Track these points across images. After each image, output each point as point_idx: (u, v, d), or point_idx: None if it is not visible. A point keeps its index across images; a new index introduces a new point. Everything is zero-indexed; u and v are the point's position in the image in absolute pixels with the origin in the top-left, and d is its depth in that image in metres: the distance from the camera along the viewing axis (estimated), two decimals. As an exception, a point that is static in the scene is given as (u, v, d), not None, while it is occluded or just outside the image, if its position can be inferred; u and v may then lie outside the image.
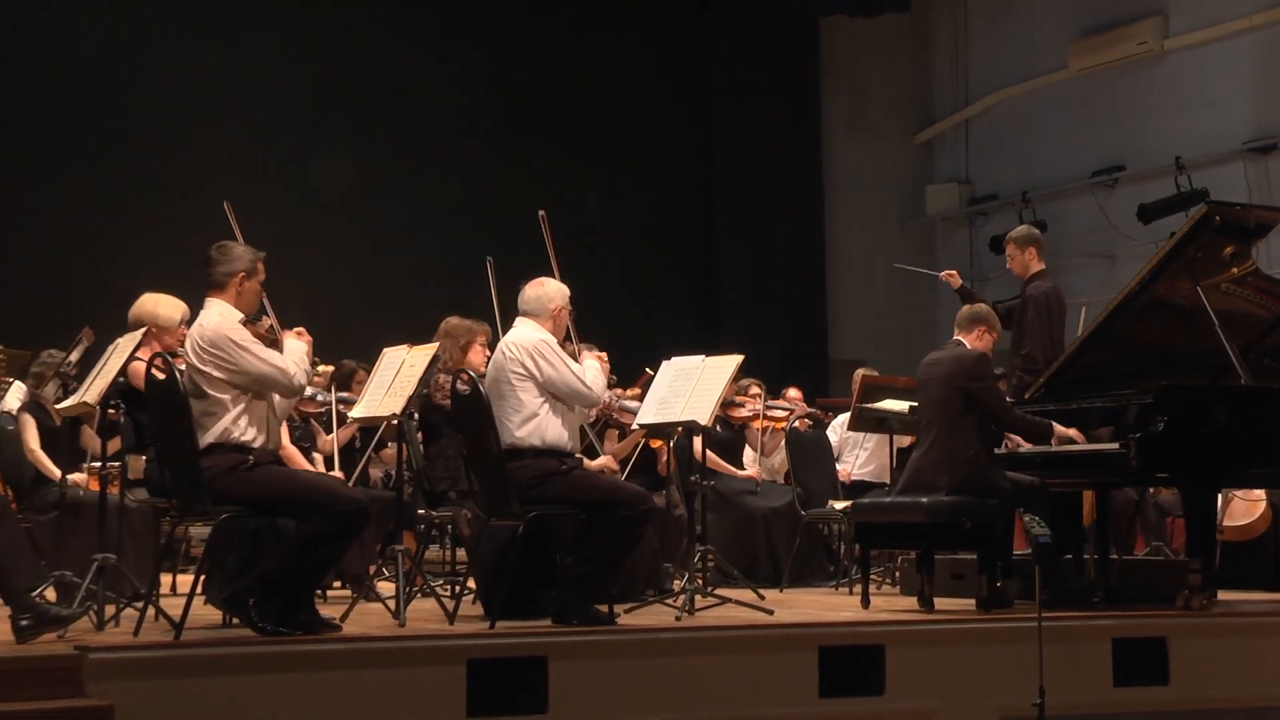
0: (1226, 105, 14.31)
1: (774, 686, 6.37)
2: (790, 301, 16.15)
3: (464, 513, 7.64)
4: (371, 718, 5.69)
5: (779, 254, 16.24)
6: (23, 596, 5.96)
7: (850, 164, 16.99)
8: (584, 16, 15.57)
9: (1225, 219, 7.74)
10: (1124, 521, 9.61)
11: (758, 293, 16.01)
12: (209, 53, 14.04)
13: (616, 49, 15.84)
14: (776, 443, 10.45)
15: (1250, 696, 7.19)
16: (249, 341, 6.26)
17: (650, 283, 15.68)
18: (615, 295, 14.13)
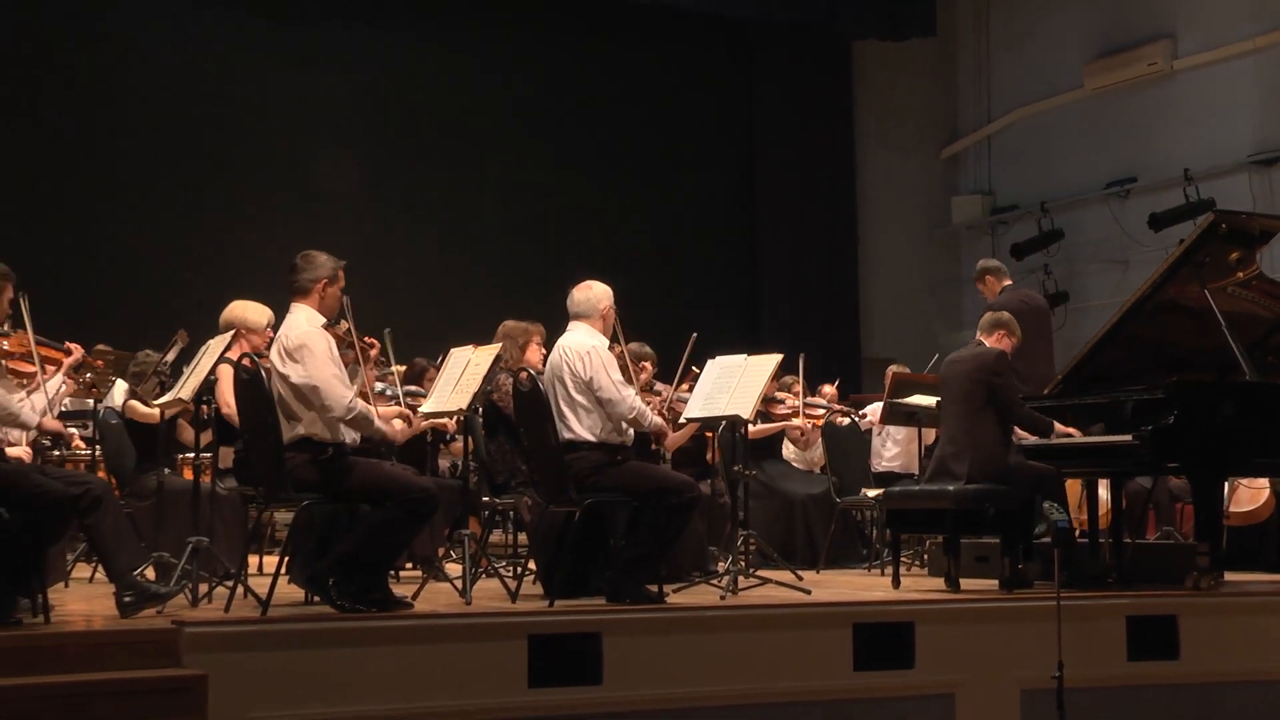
0: (1231, 121, 14.18)
1: (811, 661, 6.36)
2: (826, 304, 16.09)
3: (525, 500, 7.65)
4: (440, 688, 5.70)
5: (815, 260, 16.20)
6: (126, 576, 6.00)
7: (881, 177, 16.91)
8: (639, 43, 15.57)
9: (1231, 227, 7.71)
10: (1137, 508, 9.56)
11: (796, 296, 15.97)
12: (288, 81, 14.10)
13: (668, 73, 15.82)
14: (814, 436, 10.41)
15: (1255, 670, 7.14)
16: (323, 352, 6.22)
17: (698, 287, 15.66)
18: (666, 299, 14.13)
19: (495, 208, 14.81)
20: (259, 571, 7.52)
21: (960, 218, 17.02)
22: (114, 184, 13.28)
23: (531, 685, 5.81)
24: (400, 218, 14.35)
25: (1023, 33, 16.45)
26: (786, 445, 10.33)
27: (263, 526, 8.48)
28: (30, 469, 6.35)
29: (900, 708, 6.47)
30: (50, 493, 5.87)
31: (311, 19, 14.20)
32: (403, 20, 14.57)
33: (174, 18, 13.72)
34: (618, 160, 15.48)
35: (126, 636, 5.67)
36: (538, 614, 6.17)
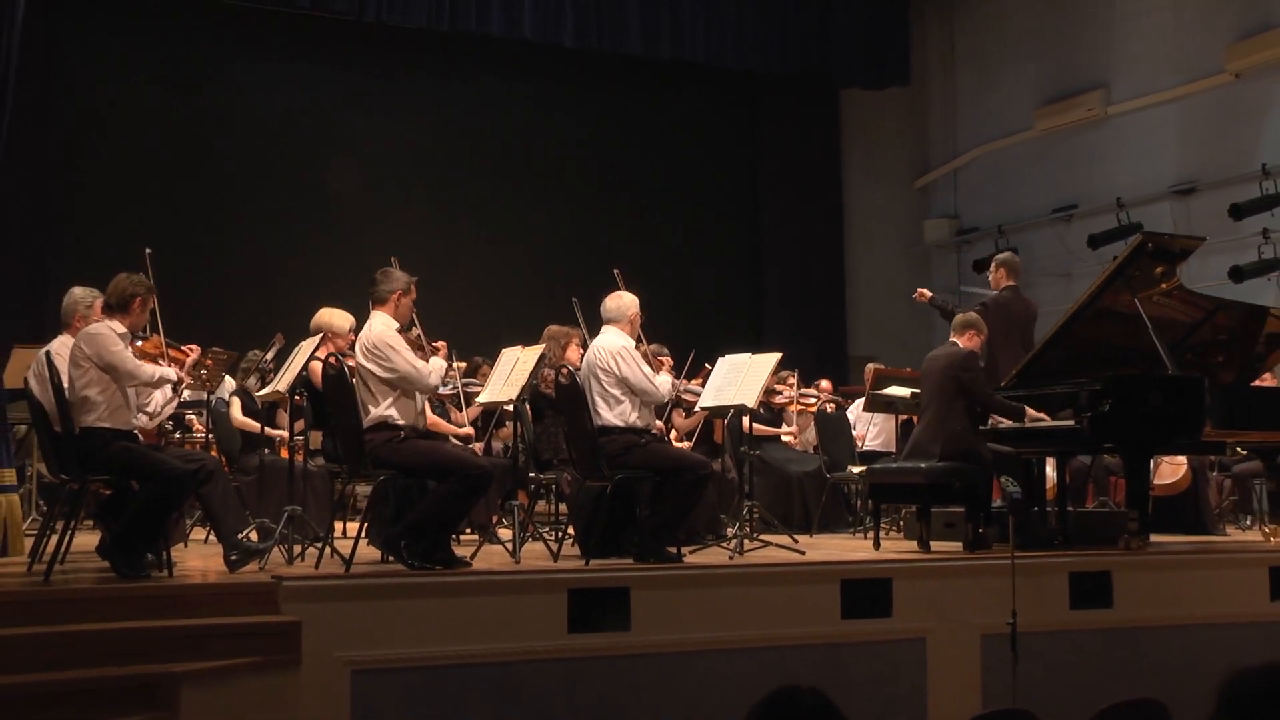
0: (1156, 157, 14.10)
1: (806, 610, 6.34)
2: (818, 310, 16.03)
3: (565, 476, 7.65)
4: (493, 633, 5.71)
5: (809, 273, 16.14)
6: (232, 538, 6.04)
7: (864, 203, 16.85)
8: (662, 92, 15.59)
9: (1156, 245, 7.67)
10: (1078, 482, 9.51)
11: (793, 303, 15.93)
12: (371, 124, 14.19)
13: (685, 116, 15.83)
14: (808, 422, 10.39)
15: (1176, 616, 7.13)
16: (403, 348, 6.31)
17: (709, 296, 15.65)
18: (682, 307, 14.10)
19: (541, 230, 14.85)
20: (343, 535, 7.54)
21: (931, 238, 16.96)
22: (223, 210, 13.39)
23: (571, 631, 5.82)
24: (463, 238, 14.38)
25: (983, 83, 16.38)
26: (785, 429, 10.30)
27: (346, 497, 8.51)
28: (154, 448, 6.40)
29: (881, 649, 6.45)
30: (172, 468, 5.92)
31: (391, 71, 14.28)
32: (466, 74, 14.61)
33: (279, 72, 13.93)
34: (644, 190, 15.51)
35: (235, 588, 5.71)
36: (576, 571, 6.16)
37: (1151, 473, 8.75)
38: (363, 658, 5.45)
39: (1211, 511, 9.51)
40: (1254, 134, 13.19)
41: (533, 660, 5.74)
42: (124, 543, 5.84)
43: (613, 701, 5.84)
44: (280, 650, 5.34)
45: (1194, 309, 7.91)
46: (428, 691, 5.56)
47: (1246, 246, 12.86)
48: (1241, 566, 7.53)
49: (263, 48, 13.79)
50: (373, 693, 5.46)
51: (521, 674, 5.72)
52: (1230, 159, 13.32)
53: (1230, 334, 8.03)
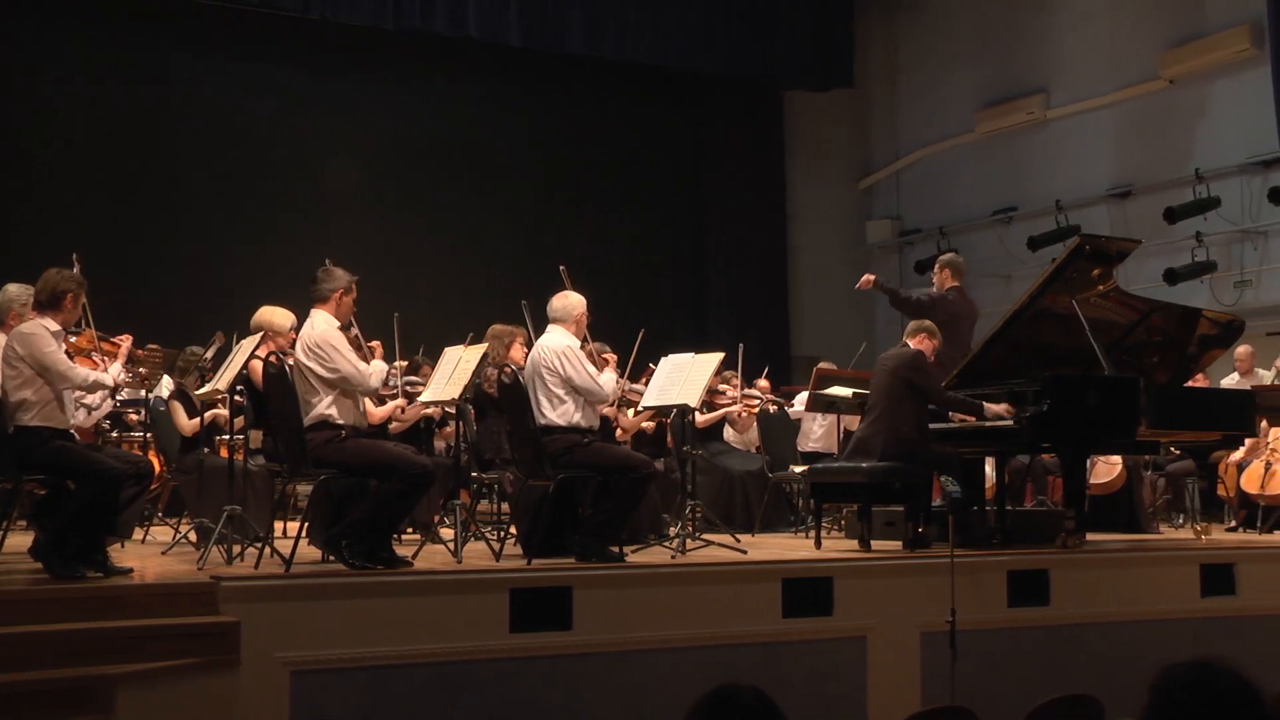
0: (1094, 161, 14.28)
1: (747, 609, 6.36)
2: (761, 310, 16.09)
3: (508, 475, 7.62)
4: (435, 633, 5.68)
5: (753, 274, 16.20)
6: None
7: (807, 205, 16.94)
8: (608, 93, 15.59)
9: (1094, 248, 7.74)
10: (1017, 481, 9.60)
11: (736, 303, 15.97)
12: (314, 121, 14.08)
13: (632, 117, 15.83)
14: (750, 421, 10.41)
15: (1111, 612, 7.21)
16: (345, 348, 6.26)
17: (653, 296, 15.64)
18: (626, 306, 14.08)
19: (487, 229, 14.81)
20: (283, 535, 7.47)
21: (873, 238, 17.07)
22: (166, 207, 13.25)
23: (512, 630, 5.80)
24: (406, 236, 14.31)
25: (925, 86, 16.51)
26: (727, 429, 10.33)
27: (286, 497, 8.43)
28: (92, 448, 6.31)
29: (821, 648, 6.47)
30: (109, 467, 5.85)
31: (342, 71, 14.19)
32: (412, 73, 14.55)
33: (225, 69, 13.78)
34: (589, 189, 15.49)
35: (173, 589, 5.66)
36: (518, 571, 6.14)
37: (1088, 472, 8.85)
38: (303, 658, 5.41)
39: (1145, 510, 9.63)
40: (1187, 139, 13.39)
41: (474, 660, 5.72)
42: (60, 543, 5.75)
43: (554, 701, 5.83)
44: (219, 651, 5.29)
45: (1130, 310, 7.99)
46: (369, 692, 5.52)
47: (1180, 249, 13.06)
48: (1173, 564, 7.63)
49: (208, 44, 13.65)
50: (313, 694, 5.41)
51: (463, 674, 5.70)
52: (1165, 163, 13.52)
53: (1165, 335, 8.13)
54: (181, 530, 7.73)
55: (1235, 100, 12.88)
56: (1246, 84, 12.60)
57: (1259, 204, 12.62)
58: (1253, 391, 8.88)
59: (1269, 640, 7.20)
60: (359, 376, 6.25)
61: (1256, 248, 12.81)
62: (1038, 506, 9.78)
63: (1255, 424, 8.71)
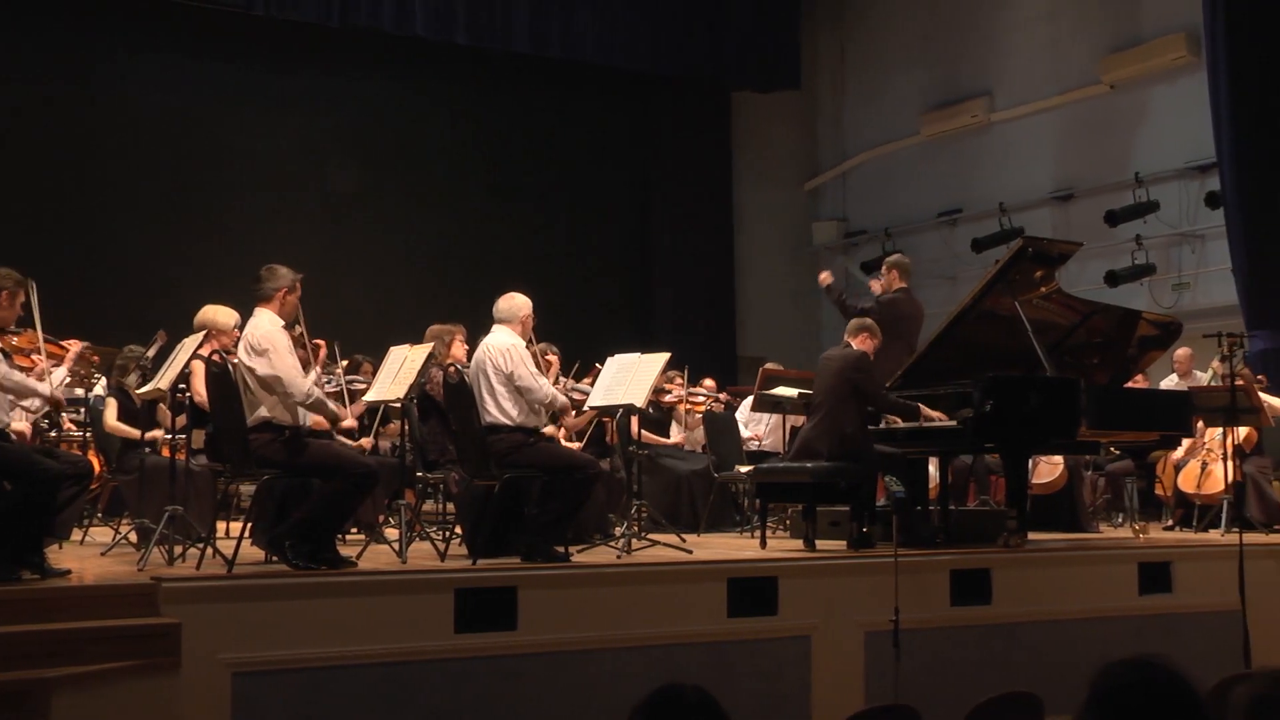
0: (1036, 164, 14.45)
1: (693, 609, 6.36)
2: (707, 311, 16.14)
3: (453, 475, 7.59)
4: (379, 634, 5.64)
5: (699, 274, 16.24)
6: None
7: (754, 205, 17.00)
8: (555, 92, 15.59)
9: (1036, 250, 7.81)
10: (960, 481, 9.68)
11: (682, 304, 16.00)
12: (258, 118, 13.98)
13: (579, 116, 15.85)
14: (696, 421, 10.43)
15: (1052, 611, 7.27)
16: (286, 350, 6.18)
17: (599, 296, 15.68)
18: (573, 306, 14.09)
19: (430, 228, 14.77)
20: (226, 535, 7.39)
21: (819, 240, 17.17)
22: (106, 205, 13.12)
23: (457, 631, 5.77)
24: (350, 235, 14.25)
25: (871, 89, 16.63)
26: (674, 428, 10.35)
27: (229, 497, 8.35)
28: (30, 449, 6.21)
29: (766, 647, 6.49)
30: (46, 468, 5.76)
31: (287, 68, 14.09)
32: (357, 71, 14.48)
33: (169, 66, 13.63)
34: (536, 189, 15.48)
35: (112, 590, 5.57)
36: (463, 571, 6.12)
37: (1030, 472, 8.94)
38: (245, 660, 5.35)
39: (1086, 510, 9.74)
40: (1127, 143, 13.58)
41: (419, 660, 5.69)
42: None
43: (499, 701, 5.81)
44: (159, 653, 5.22)
45: (1071, 312, 8.08)
46: (312, 693, 5.48)
47: (1121, 252, 13.24)
48: (1113, 563, 7.73)
49: (149, 40, 13.51)
50: (255, 695, 5.36)
51: (407, 674, 5.67)
52: (1106, 167, 13.70)
53: (1105, 337, 8.22)
54: (122, 531, 7.63)
55: (1174, 106, 13.08)
56: (1184, 90, 12.79)
57: (1196, 208, 12.82)
58: (1190, 392, 9.01)
59: (1204, 637, 7.30)
60: (290, 380, 6.11)
61: (1194, 251, 13.01)
62: (980, 506, 9.86)
63: (1192, 424, 8.83)
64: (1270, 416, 9.52)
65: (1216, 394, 9.02)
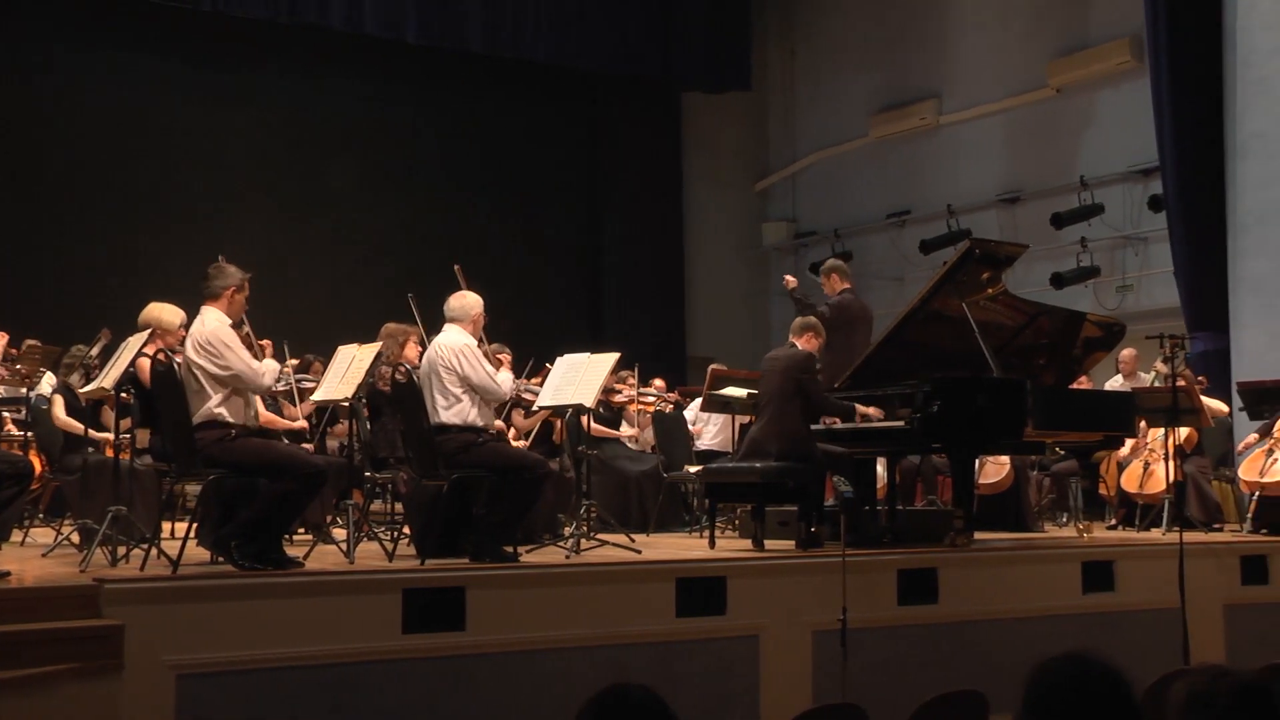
0: (984, 166, 14.58)
1: (642, 609, 6.36)
2: (657, 311, 16.16)
3: (401, 475, 7.56)
4: (326, 635, 5.60)
5: (649, 274, 16.26)
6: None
7: (704, 205, 17.04)
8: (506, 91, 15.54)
9: (984, 251, 7.88)
10: (908, 481, 9.74)
11: (632, 304, 16.01)
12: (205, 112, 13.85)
13: (529, 115, 15.82)
14: (646, 421, 10.44)
15: (998, 610, 7.33)
16: (238, 346, 6.16)
17: (550, 296, 15.67)
18: (523, 306, 14.06)
19: (381, 227, 14.69)
20: (171, 536, 7.32)
21: (769, 241, 17.24)
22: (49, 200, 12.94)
23: (405, 631, 5.74)
24: (300, 233, 14.14)
25: (821, 90, 16.72)
26: (624, 428, 10.35)
27: (175, 497, 8.26)
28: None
29: (715, 647, 6.50)
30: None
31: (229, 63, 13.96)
32: (306, 68, 14.38)
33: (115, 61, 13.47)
34: (486, 188, 15.45)
35: (52, 592, 5.49)
36: (411, 571, 6.09)
37: (977, 472, 9.02)
38: (189, 661, 5.29)
39: (1031, 509, 9.84)
40: (1073, 147, 13.73)
41: (366, 661, 5.65)
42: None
43: (447, 702, 5.78)
44: (101, 656, 5.14)
45: (1018, 314, 8.15)
46: (258, 695, 5.43)
47: (1066, 254, 13.38)
48: (1057, 562, 7.81)
49: (97, 35, 13.35)
50: (199, 697, 5.31)
51: (355, 675, 5.63)
52: (1052, 170, 13.85)
53: (1051, 338, 8.30)
54: (64, 532, 7.53)
55: (1118, 110, 13.24)
56: (1128, 94, 12.95)
57: (1140, 211, 12.98)
58: (1133, 393, 9.12)
59: (1145, 634, 7.39)
60: (251, 374, 6.16)
61: (1137, 254, 13.18)
62: (928, 506, 9.93)
63: (1135, 425, 8.95)
64: (1210, 417, 9.67)
65: (1159, 395, 9.14)
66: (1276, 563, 8.33)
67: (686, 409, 10.84)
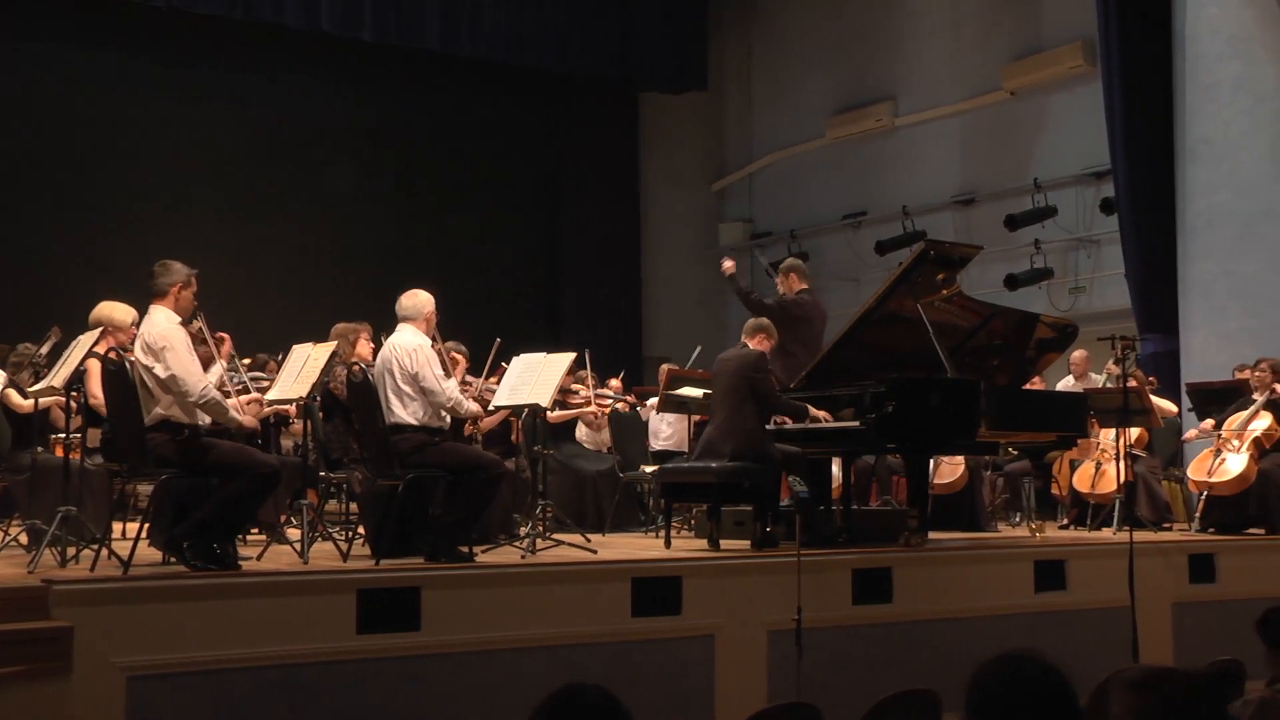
0: (939, 169, 14.67)
1: (597, 608, 6.35)
2: (614, 311, 16.17)
3: (356, 475, 7.51)
4: (280, 635, 5.55)
5: (606, 274, 16.27)
6: None
7: (661, 206, 17.06)
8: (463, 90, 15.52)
9: (938, 253, 7.92)
10: (862, 481, 9.78)
11: (589, 303, 16.01)
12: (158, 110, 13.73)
13: (487, 115, 15.81)
14: (603, 421, 10.43)
15: (950, 609, 7.32)
16: (183, 349, 6.05)
17: (507, 295, 15.63)
18: (480, 304, 14.02)
19: (335, 225, 14.62)
20: (122, 536, 7.24)
21: (726, 241, 17.27)
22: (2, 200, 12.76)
23: (360, 632, 5.70)
24: (253, 232, 14.04)
25: (778, 91, 16.77)
26: (580, 428, 10.33)
27: (126, 497, 8.17)
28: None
29: (670, 647, 6.49)
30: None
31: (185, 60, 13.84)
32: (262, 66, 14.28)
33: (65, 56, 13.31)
34: (443, 187, 15.42)
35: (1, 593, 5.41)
36: (366, 572, 6.05)
37: (931, 472, 9.07)
38: (140, 663, 5.24)
39: (985, 509, 9.91)
40: (1027, 149, 13.85)
41: (320, 662, 5.61)
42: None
43: (402, 702, 5.75)
44: (49, 658, 5.08)
45: (972, 315, 8.19)
46: (210, 697, 5.38)
47: (1020, 256, 13.50)
48: (1010, 561, 7.86)
49: (48, 30, 13.17)
50: (150, 700, 5.25)
51: (309, 676, 5.58)
52: (1006, 172, 13.96)
53: (1005, 339, 8.36)
54: (11, 533, 7.42)
55: (1071, 113, 13.37)
56: (1081, 98, 13.08)
57: (1093, 214, 13.12)
58: (1085, 394, 9.21)
59: (1096, 632, 7.46)
60: (186, 378, 6.00)
61: (1090, 256, 13.32)
62: (883, 506, 9.97)
63: (1087, 425, 9.03)
64: (1160, 418, 9.78)
65: (1110, 395, 9.23)
66: (1223, 561, 8.44)
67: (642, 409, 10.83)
